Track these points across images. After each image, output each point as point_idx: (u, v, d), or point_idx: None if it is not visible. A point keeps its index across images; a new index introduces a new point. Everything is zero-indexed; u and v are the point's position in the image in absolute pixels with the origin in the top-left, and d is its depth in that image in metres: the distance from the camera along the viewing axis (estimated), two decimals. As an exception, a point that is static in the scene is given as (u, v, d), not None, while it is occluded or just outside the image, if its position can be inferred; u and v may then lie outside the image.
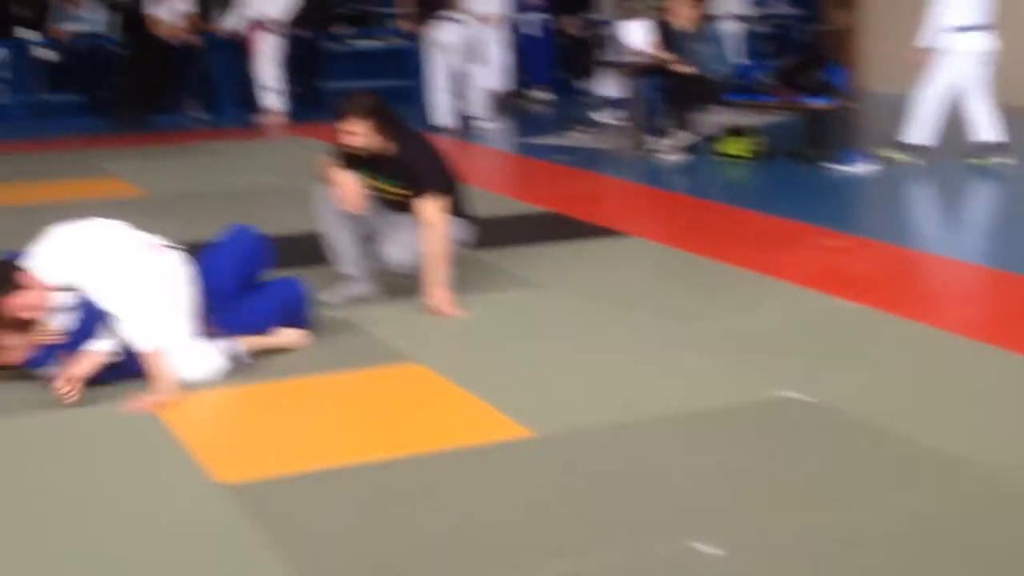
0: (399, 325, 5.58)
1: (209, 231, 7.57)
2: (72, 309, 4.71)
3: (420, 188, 5.71)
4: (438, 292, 5.70)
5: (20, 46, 13.32)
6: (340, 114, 5.70)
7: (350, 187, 5.74)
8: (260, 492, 3.82)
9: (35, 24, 13.45)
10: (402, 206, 5.82)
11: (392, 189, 5.82)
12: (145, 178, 9.72)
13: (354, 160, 5.78)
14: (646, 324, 5.58)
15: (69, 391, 4.54)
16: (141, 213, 6.19)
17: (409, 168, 5.73)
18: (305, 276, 5.52)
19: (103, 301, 4.71)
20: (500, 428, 4.33)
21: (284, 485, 3.88)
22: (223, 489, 3.83)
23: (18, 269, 4.70)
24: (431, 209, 5.68)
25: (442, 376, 4.88)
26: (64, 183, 9.51)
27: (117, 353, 4.69)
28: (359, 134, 5.65)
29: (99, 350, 4.67)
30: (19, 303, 4.63)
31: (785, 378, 4.74)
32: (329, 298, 5.87)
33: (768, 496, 3.73)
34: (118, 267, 4.79)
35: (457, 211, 5.89)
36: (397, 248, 5.76)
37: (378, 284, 5.98)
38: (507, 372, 4.97)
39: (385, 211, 5.89)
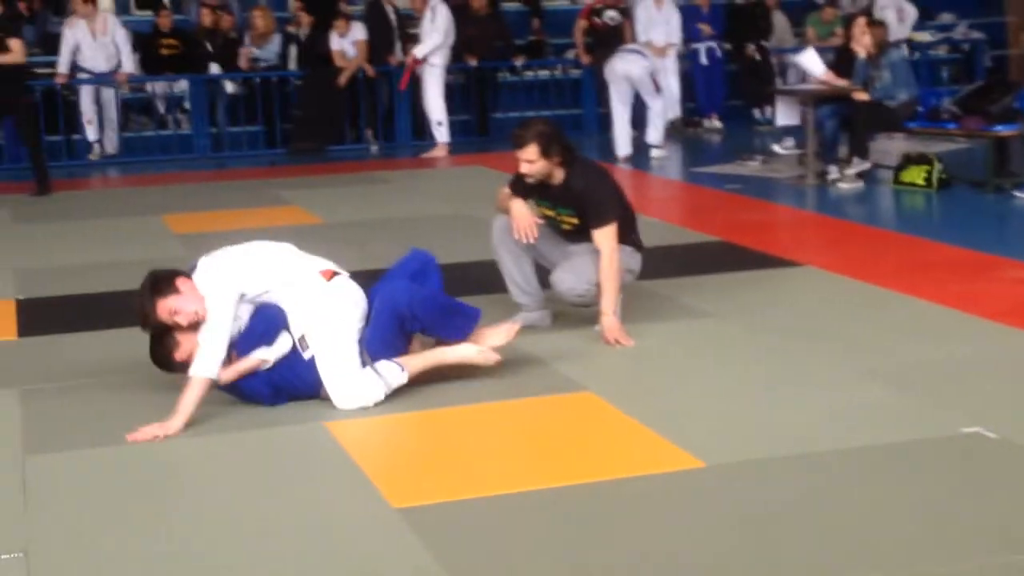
0: (570, 353, 5.57)
1: (383, 258, 7.69)
2: (236, 319, 4.87)
3: (592, 217, 5.70)
4: (609, 320, 5.67)
5: (203, 80, 13.74)
6: (515, 141, 5.73)
7: (523, 217, 5.76)
8: (433, 517, 3.84)
9: (220, 58, 13.86)
10: (575, 234, 5.82)
11: (565, 217, 5.83)
12: (321, 206, 9.92)
13: (530, 188, 5.80)
14: (821, 355, 5.47)
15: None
16: (317, 240, 6.31)
17: (581, 196, 5.74)
18: (478, 303, 5.55)
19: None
20: (670, 458, 4.28)
21: (456, 510, 3.90)
22: (398, 513, 3.87)
23: (178, 276, 4.88)
24: (603, 237, 5.67)
25: (612, 405, 4.85)
26: (244, 212, 9.77)
27: (264, 361, 4.84)
28: (532, 161, 5.67)
29: (253, 358, 4.82)
30: (170, 306, 4.81)
31: (970, 413, 4.59)
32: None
33: (948, 535, 3.61)
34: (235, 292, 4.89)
35: (628, 240, 5.86)
36: (569, 276, 5.75)
37: (550, 313, 5.98)
38: (678, 401, 4.92)
39: (559, 240, 5.90)
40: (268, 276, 4.96)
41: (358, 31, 13.77)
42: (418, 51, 13.37)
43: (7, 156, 12.98)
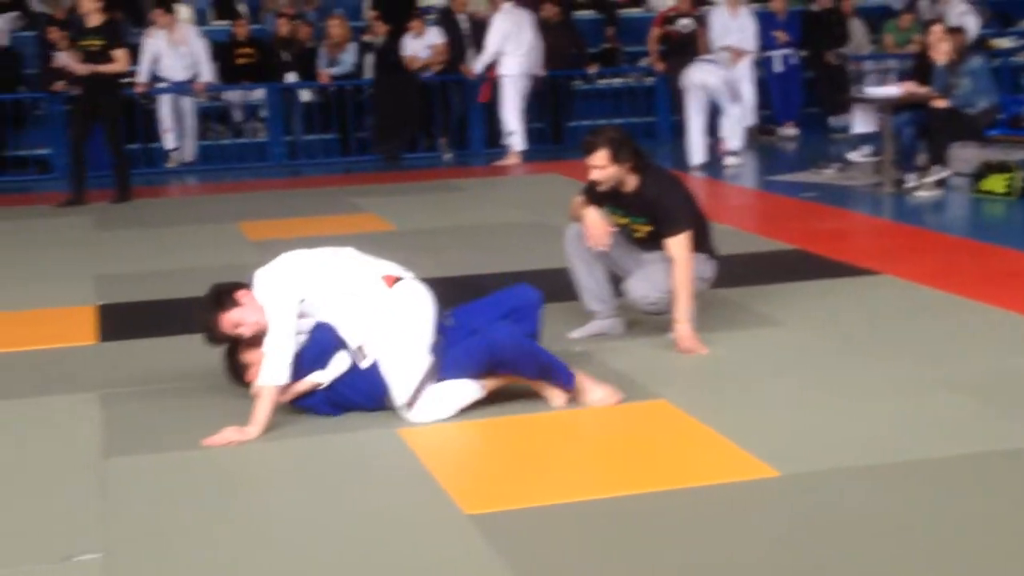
0: (643, 361, 5.56)
1: (457, 265, 7.73)
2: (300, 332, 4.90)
3: (665, 225, 5.69)
4: (683, 328, 5.65)
5: (279, 89, 13.87)
6: (584, 148, 5.73)
7: (596, 225, 5.76)
8: (505, 523, 3.85)
9: (296, 67, 13.99)
10: (649, 242, 5.81)
11: (638, 226, 5.82)
12: (395, 213, 9.98)
13: (603, 196, 5.80)
14: (897, 364, 5.41)
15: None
16: (392, 247, 6.34)
17: (654, 204, 5.72)
18: (552, 311, 5.55)
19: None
20: (743, 466, 4.26)
21: (529, 517, 3.91)
22: (470, 520, 3.88)
23: (238, 288, 4.92)
24: (676, 245, 5.65)
25: (686, 413, 4.83)
26: (319, 219, 9.84)
27: (318, 384, 4.85)
28: (603, 167, 5.66)
29: (308, 381, 4.84)
30: (232, 319, 4.86)
31: (1048, 424, 4.52)
32: (576, 334, 5.90)
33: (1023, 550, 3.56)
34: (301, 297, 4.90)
35: (702, 248, 5.83)
36: (642, 284, 5.74)
37: (623, 321, 5.98)
38: (751, 410, 4.89)
39: (632, 248, 5.89)
40: (326, 283, 4.94)
41: (434, 35, 13.85)
42: (476, 66, 13.46)
43: (91, 164, 13.16)
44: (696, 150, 12.33)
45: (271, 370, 4.75)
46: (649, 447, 4.56)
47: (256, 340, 4.85)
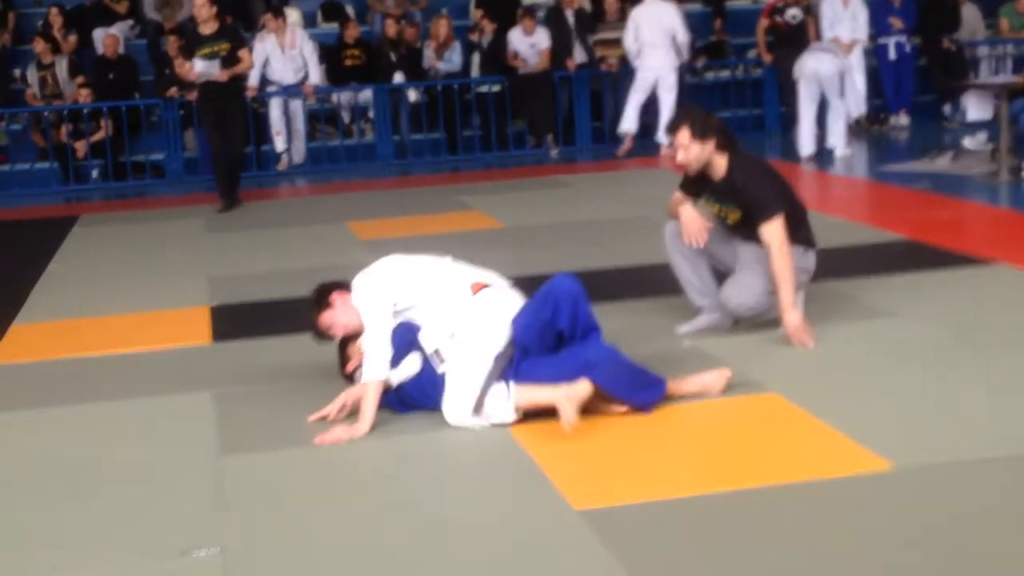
0: (753, 355, 5.51)
1: (565, 261, 7.72)
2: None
3: (756, 212, 5.61)
4: (792, 316, 5.58)
5: (387, 89, 13.99)
6: (669, 129, 5.66)
7: (693, 221, 5.70)
8: (616, 519, 3.85)
9: (403, 67, 14.09)
10: (743, 230, 5.73)
11: (728, 211, 5.75)
12: (503, 211, 10.00)
13: (696, 187, 5.74)
14: (1012, 355, 5.29)
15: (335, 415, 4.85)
16: (499, 244, 6.37)
17: (743, 190, 5.63)
18: (659, 306, 5.51)
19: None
20: (857, 460, 4.20)
21: (639, 513, 3.90)
22: (580, 516, 3.88)
23: (335, 289, 5.09)
24: (770, 232, 5.56)
25: (797, 406, 4.78)
26: (427, 218, 9.91)
27: (388, 383, 4.87)
28: (686, 146, 5.58)
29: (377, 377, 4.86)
30: (324, 320, 5.08)
31: None
32: (683, 329, 5.87)
33: None
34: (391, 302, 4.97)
35: (798, 238, 5.73)
36: (737, 292, 5.66)
37: (730, 314, 5.92)
38: (864, 403, 4.82)
39: (729, 238, 5.82)
40: (418, 289, 5.02)
41: (543, 36, 13.86)
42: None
43: (202, 167, 13.42)
44: (806, 141, 12.18)
45: (371, 367, 4.84)
46: (761, 441, 4.52)
47: (358, 336, 4.97)
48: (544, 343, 4.85)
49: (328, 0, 15.87)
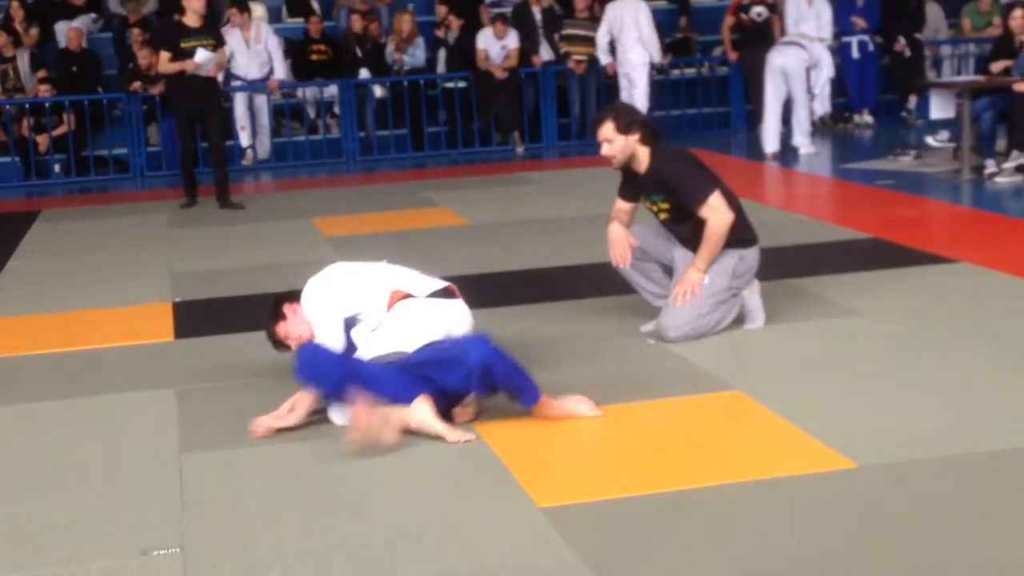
0: (716, 352, 5.52)
1: (529, 258, 7.72)
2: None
3: (689, 199, 5.57)
4: (691, 274, 5.58)
5: (352, 85, 13.94)
6: (593, 125, 5.67)
7: (618, 243, 5.77)
8: (579, 516, 3.84)
9: (368, 63, 14.06)
10: (676, 223, 5.71)
11: (659, 205, 5.73)
12: (468, 207, 9.99)
13: (633, 188, 5.74)
14: (975, 353, 5.32)
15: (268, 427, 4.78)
16: (464, 240, 6.36)
17: (669, 180, 5.62)
18: (624, 305, 5.49)
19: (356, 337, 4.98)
20: (821, 458, 4.21)
21: (603, 510, 3.89)
22: (544, 513, 3.88)
23: (286, 301, 5.13)
24: (709, 212, 5.56)
25: (761, 404, 4.79)
26: (393, 214, 9.89)
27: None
28: (611, 140, 5.59)
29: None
30: (280, 330, 5.15)
31: None
32: (645, 327, 5.87)
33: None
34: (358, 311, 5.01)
35: (732, 240, 5.67)
36: (672, 320, 5.62)
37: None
38: (828, 401, 4.83)
39: (665, 235, 5.81)
40: (361, 298, 5.03)
41: (513, 38, 13.84)
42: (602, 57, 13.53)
43: (165, 162, 13.35)
44: (770, 138, 12.23)
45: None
46: (724, 439, 4.53)
47: None
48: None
49: (293, -6, 15.82)
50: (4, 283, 8.11)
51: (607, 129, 5.59)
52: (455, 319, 5.02)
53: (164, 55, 10.57)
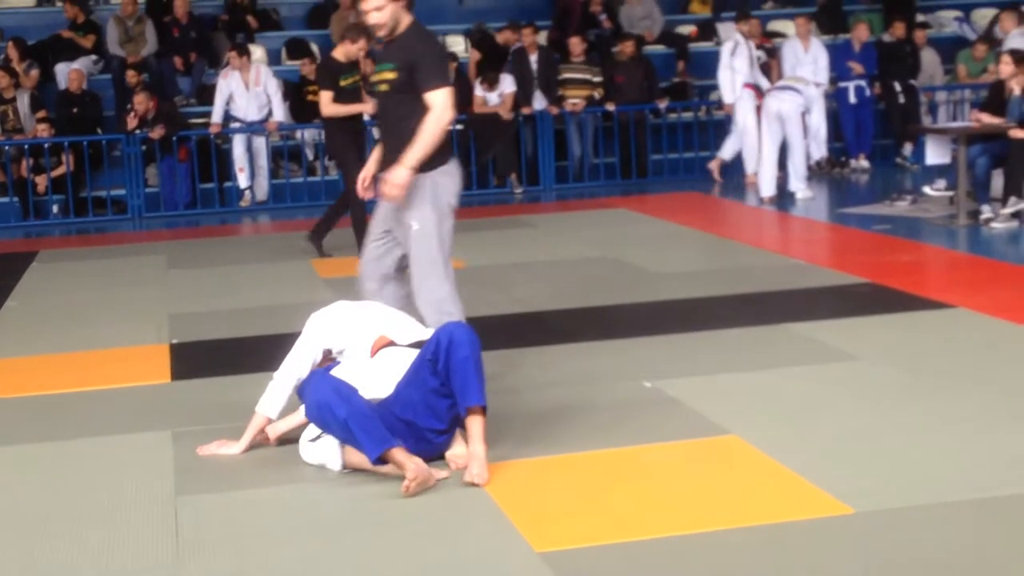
0: (713, 396, 5.52)
1: (527, 301, 7.73)
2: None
3: (426, 74, 5.48)
4: (399, 172, 5.52)
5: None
6: None
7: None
8: (576, 561, 3.83)
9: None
10: (389, 99, 5.61)
11: (385, 74, 5.60)
12: (466, 249, 9.93)
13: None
14: (972, 399, 5.32)
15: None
16: (463, 283, 6.32)
17: (416, 51, 5.51)
18: (620, 348, 5.43)
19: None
20: (818, 504, 4.20)
21: (600, 555, 3.89)
22: (541, 557, 3.87)
23: None
24: (435, 97, 5.47)
25: (758, 449, 4.78)
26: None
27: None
28: (381, 7, 5.45)
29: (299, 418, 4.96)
30: None
31: None
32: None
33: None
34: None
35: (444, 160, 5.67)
36: (421, 294, 5.57)
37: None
38: (825, 446, 4.83)
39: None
40: (347, 337, 5.06)
41: (507, 84, 13.89)
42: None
43: (164, 203, 13.37)
44: (766, 182, 12.27)
45: (264, 401, 5.06)
46: (720, 484, 4.52)
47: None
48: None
49: (292, 37, 15.89)
50: (0, 324, 8.11)
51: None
52: None
53: (327, 95, 9.95)
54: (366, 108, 10.03)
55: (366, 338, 5.04)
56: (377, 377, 4.85)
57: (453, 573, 3.82)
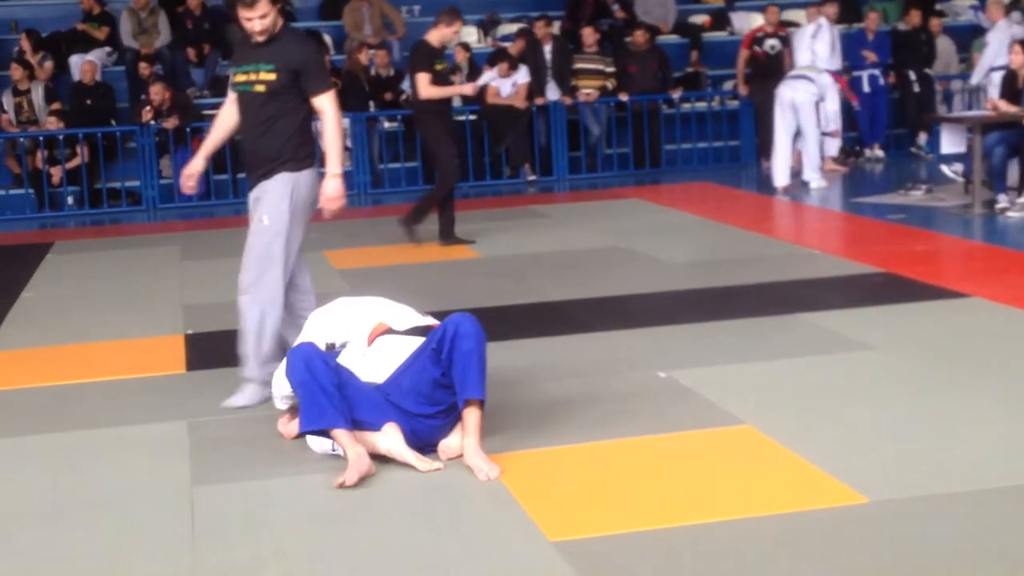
0: (727, 386, 5.51)
1: (540, 291, 7.73)
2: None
3: (313, 78, 5.55)
4: (332, 184, 5.60)
5: (363, 117, 13.98)
6: (248, 4, 5.50)
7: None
8: (590, 550, 3.84)
9: (374, 96, 14.10)
10: (261, 108, 5.58)
11: (263, 74, 5.58)
12: (480, 240, 9.98)
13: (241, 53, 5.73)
14: (989, 388, 5.31)
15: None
16: (475, 273, 6.36)
17: (301, 59, 5.56)
18: (635, 337, 5.47)
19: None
20: (832, 493, 4.20)
21: (614, 544, 3.89)
22: (554, 546, 3.88)
23: None
24: (325, 101, 5.56)
25: (772, 439, 4.78)
26: (403, 247, 9.88)
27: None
28: (266, 14, 5.50)
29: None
30: None
31: None
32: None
33: None
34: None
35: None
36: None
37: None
38: (840, 436, 4.82)
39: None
40: (347, 330, 5.07)
41: (522, 73, 13.87)
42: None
43: (177, 194, 13.40)
44: (781, 172, 12.24)
45: (276, 399, 5.20)
46: (734, 473, 4.51)
47: None
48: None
49: (306, 29, 15.88)
50: (17, 314, 8.13)
51: (264, 4, 5.51)
52: None
53: (424, 77, 9.72)
54: (465, 89, 10.05)
55: (365, 328, 5.05)
56: (374, 363, 4.87)
57: (467, 562, 3.82)
